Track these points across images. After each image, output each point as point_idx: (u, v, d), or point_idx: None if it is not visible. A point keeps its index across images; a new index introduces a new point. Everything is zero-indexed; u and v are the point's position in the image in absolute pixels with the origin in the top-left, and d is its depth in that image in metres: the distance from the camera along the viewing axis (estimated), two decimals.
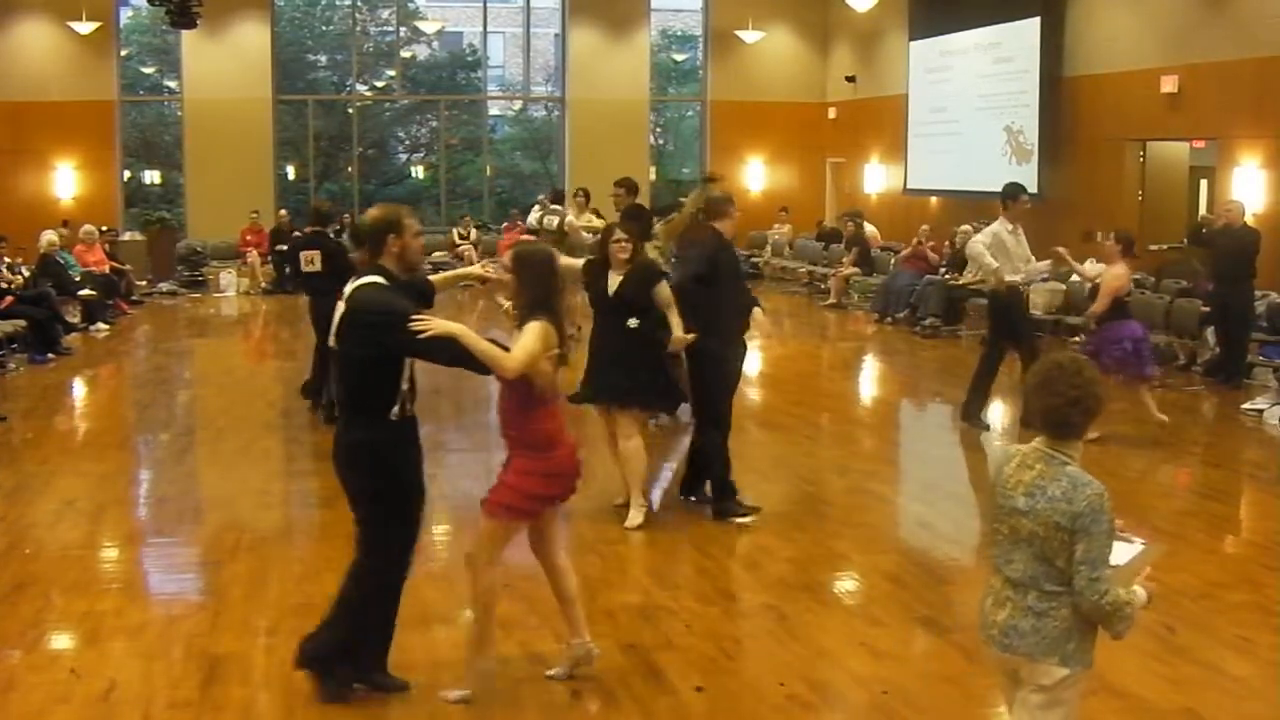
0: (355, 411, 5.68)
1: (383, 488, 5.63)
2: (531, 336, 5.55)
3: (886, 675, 6.15)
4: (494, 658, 5.90)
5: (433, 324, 5.35)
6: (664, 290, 8.57)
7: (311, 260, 12.05)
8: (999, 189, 12.32)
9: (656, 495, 9.23)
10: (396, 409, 5.59)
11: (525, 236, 18.46)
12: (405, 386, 5.62)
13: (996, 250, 11.64)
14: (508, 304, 6.05)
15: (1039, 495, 3.97)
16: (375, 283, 5.57)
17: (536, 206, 18.56)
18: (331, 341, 5.75)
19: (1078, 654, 4.01)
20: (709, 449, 8.97)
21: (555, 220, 17.01)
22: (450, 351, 5.44)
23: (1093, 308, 11.39)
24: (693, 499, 9.14)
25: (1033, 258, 11.87)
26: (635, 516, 8.54)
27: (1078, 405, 3.97)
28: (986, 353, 12.12)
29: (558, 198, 18.08)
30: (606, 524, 8.61)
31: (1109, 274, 11.34)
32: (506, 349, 5.57)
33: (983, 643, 4.20)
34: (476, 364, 5.48)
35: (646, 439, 9.19)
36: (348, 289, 5.64)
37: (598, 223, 17.55)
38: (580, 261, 9.03)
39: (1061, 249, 12.49)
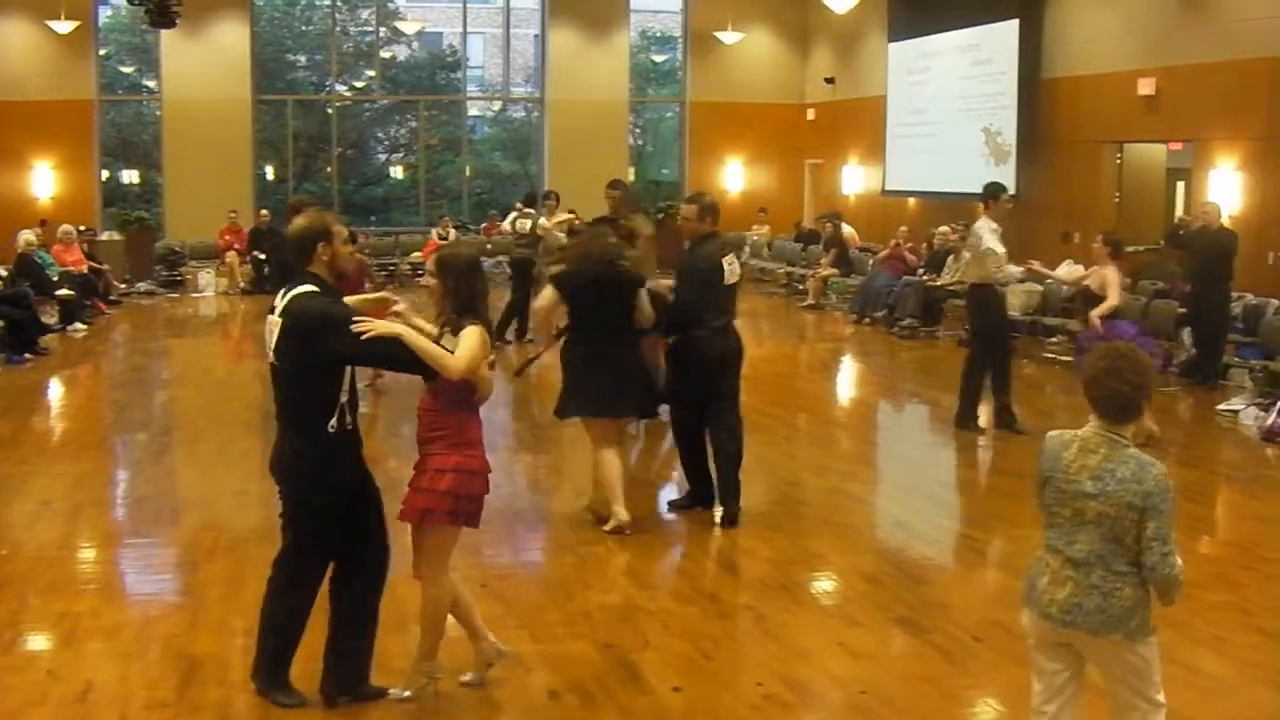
0: (290, 422, 5.59)
1: (313, 498, 5.54)
2: (474, 338, 5.48)
3: (864, 675, 6.17)
4: (441, 662, 5.83)
5: (375, 325, 5.29)
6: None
7: None
8: (977, 190, 12.37)
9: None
10: (334, 421, 5.45)
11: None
12: (344, 399, 5.49)
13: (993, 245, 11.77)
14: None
15: (1108, 478, 4.21)
16: (310, 291, 5.47)
17: (516, 216, 18.58)
18: (270, 357, 5.63)
19: (1140, 629, 4.30)
20: (738, 446, 8.85)
21: (528, 223, 17.01)
22: (392, 354, 5.38)
23: (1104, 305, 11.20)
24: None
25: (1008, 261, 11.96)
26: (610, 522, 8.51)
27: (1141, 390, 4.26)
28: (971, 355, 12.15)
29: (530, 200, 18.08)
30: (584, 525, 8.61)
31: (1106, 274, 11.31)
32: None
33: (1036, 619, 4.42)
34: (419, 366, 5.41)
35: (624, 444, 9.20)
36: (281, 301, 5.53)
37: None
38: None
39: (1035, 263, 12.58)
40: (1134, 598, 4.26)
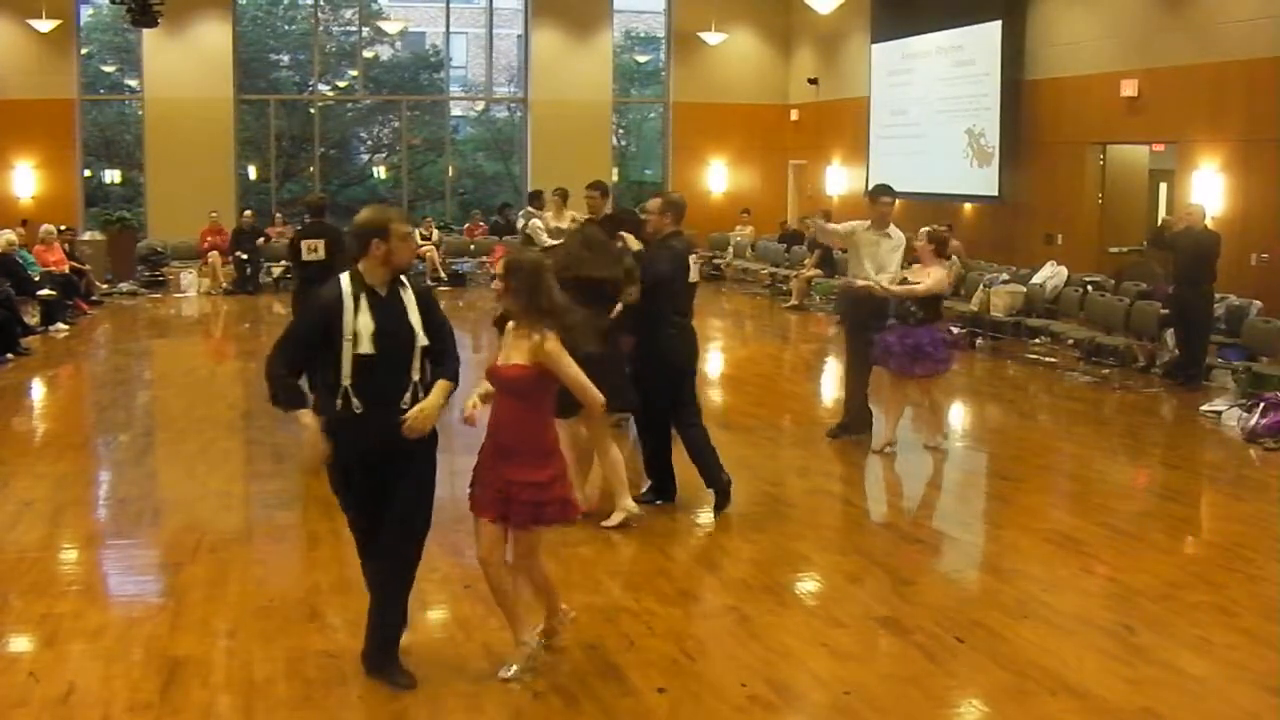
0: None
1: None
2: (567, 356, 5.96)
3: (848, 676, 6.16)
4: (533, 635, 6.23)
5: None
6: None
7: (315, 249, 12.60)
8: (961, 192, 12.37)
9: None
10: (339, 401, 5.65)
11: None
12: (346, 383, 5.62)
13: (847, 244, 11.61)
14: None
15: None
16: (332, 281, 5.74)
17: (521, 215, 18.19)
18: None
19: None
20: (706, 434, 9.17)
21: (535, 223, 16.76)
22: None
23: (919, 288, 10.76)
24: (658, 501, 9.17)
25: (892, 269, 11.14)
26: (614, 516, 8.59)
27: None
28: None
29: (535, 198, 17.73)
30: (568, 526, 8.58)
31: (931, 272, 10.91)
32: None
33: None
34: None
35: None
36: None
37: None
38: None
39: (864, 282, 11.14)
40: None
